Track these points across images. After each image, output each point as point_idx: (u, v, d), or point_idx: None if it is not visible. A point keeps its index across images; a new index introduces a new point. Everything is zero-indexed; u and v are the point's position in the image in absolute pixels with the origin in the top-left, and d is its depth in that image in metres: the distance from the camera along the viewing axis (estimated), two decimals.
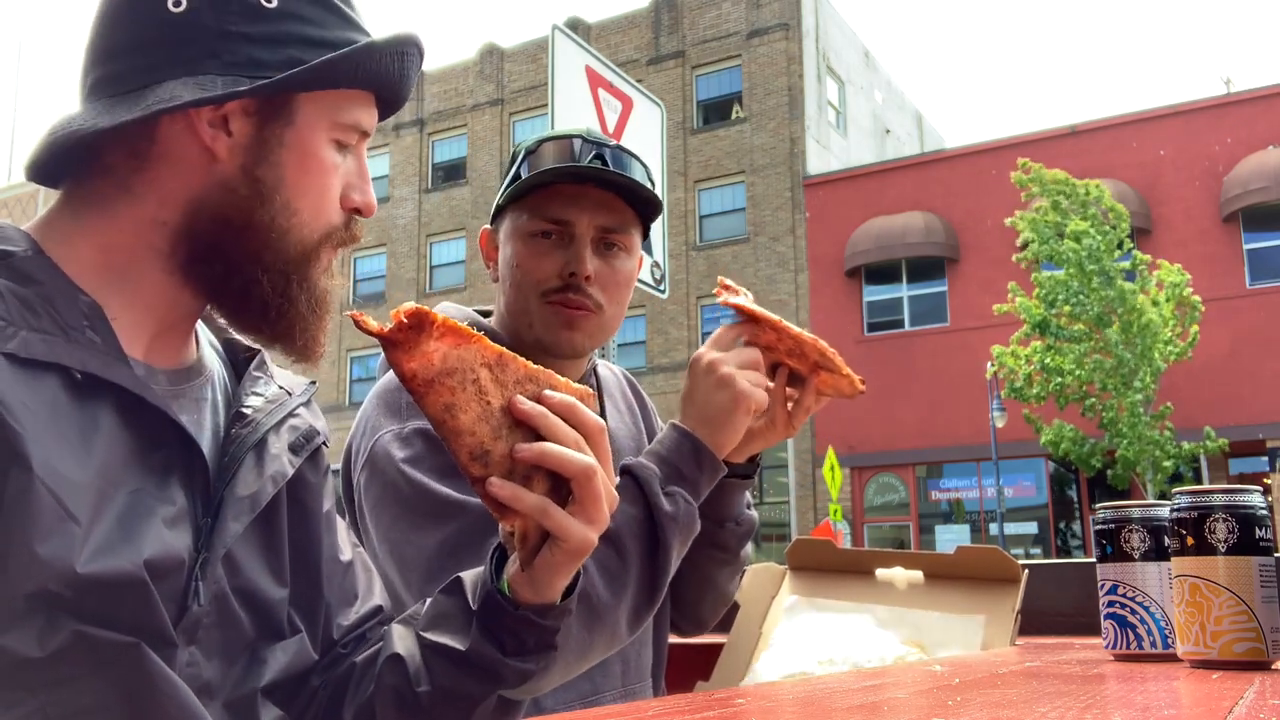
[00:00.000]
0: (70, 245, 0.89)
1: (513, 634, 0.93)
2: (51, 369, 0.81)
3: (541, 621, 0.93)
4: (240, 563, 0.92)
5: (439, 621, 0.98)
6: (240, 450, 0.94)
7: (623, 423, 1.59)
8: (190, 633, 0.86)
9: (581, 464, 0.88)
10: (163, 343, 0.94)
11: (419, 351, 0.83)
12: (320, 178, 0.95)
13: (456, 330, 0.84)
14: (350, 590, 1.07)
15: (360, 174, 0.99)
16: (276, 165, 0.93)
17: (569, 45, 5.11)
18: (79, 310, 0.85)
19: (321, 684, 1.02)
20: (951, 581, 1.81)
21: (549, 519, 0.88)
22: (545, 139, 1.44)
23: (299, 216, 0.94)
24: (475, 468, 0.86)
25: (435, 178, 28.10)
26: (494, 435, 0.86)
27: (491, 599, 0.94)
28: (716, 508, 1.50)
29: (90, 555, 0.77)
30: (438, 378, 0.83)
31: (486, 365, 0.86)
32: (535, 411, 0.88)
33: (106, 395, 0.84)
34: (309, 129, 0.94)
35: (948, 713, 0.70)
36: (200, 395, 0.96)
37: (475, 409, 0.85)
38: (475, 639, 0.94)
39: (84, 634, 0.77)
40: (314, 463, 1.04)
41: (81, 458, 0.80)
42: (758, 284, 23.28)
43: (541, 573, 0.91)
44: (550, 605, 0.94)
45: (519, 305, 1.40)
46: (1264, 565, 1.06)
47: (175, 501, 0.87)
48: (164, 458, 0.87)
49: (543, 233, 1.39)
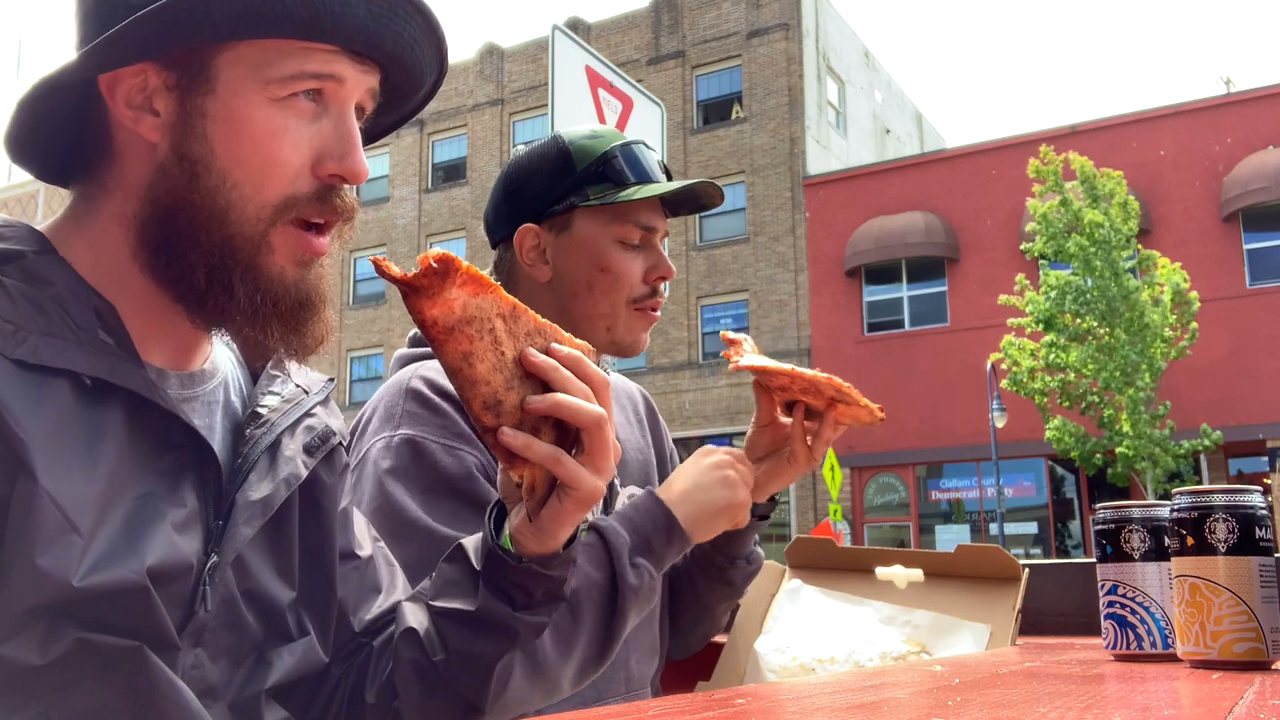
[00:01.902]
0: (75, 246, 0.88)
1: (520, 588, 0.93)
2: (61, 374, 0.80)
3: (546, 571, 0.93)
4: (250, 566, 0.91)
5: (446, 588, 0.98)
6: (254, 452, 0.93)
7: (631, 435, 1.59)
8: (197, 636, 0.85)
9: (593, 414, 0.88)
10: (173, 345, 0.92)
11: (441, 299, 0.83)
12: (259, 144, 0.86)
13: (477, 278, 0.85)
14: (372, 584, 1.06)
15: (339, 136, 0.90)
16: (204, 137, 0.85)
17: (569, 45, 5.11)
18: (91, 311, 0.84)
19: (343, 674, 1.01)
20: (952, 580, 1.81)
21: (561, 467, 0.88)
22: (632, 143, 1.46)
23: (239, 190, 0.86)
24: (487, 417, 0.87)
25: (435, 178, 28.09)
26: (506, 386, 0.87)
27: (494, 556, 0.94)
28: (729, 546, 1.53)
29: (90, 568, 0.76)
30: (458, 325, 0.84)
31: (501, 315, 0.87)
32: (547, 364, 0.88)
33: (116, 399, 0.83)
34: (233, 94, 0.86)
35: (948, 713, 0.70)
36: (213, 398, 0.95)
37: (491, 358, 0.86)
38: (483, 597, 0.94)
39: (86, 640, 0.77)
40: (329, 462, 1.02)
41: (88, 467, 0.79)
42: (758, 284, 23.28)
43: (549, 522, 0.91)
44: (553, 554, 0.94)
45: (603, 309, 1.43)
46: (1264, 565, 1.06)
47: (186, 504, 0.86)
48: (176, 460, 0.86)
49: (632, 239, 1.43)
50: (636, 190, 1.41)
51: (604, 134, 1.47)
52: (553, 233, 1.44)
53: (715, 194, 1.48)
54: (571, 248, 1.43)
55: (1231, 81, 23.22)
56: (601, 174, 1.42)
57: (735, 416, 22.83)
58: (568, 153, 1.44)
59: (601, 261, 1.42)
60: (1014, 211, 18.44)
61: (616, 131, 1.49)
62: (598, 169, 1.42)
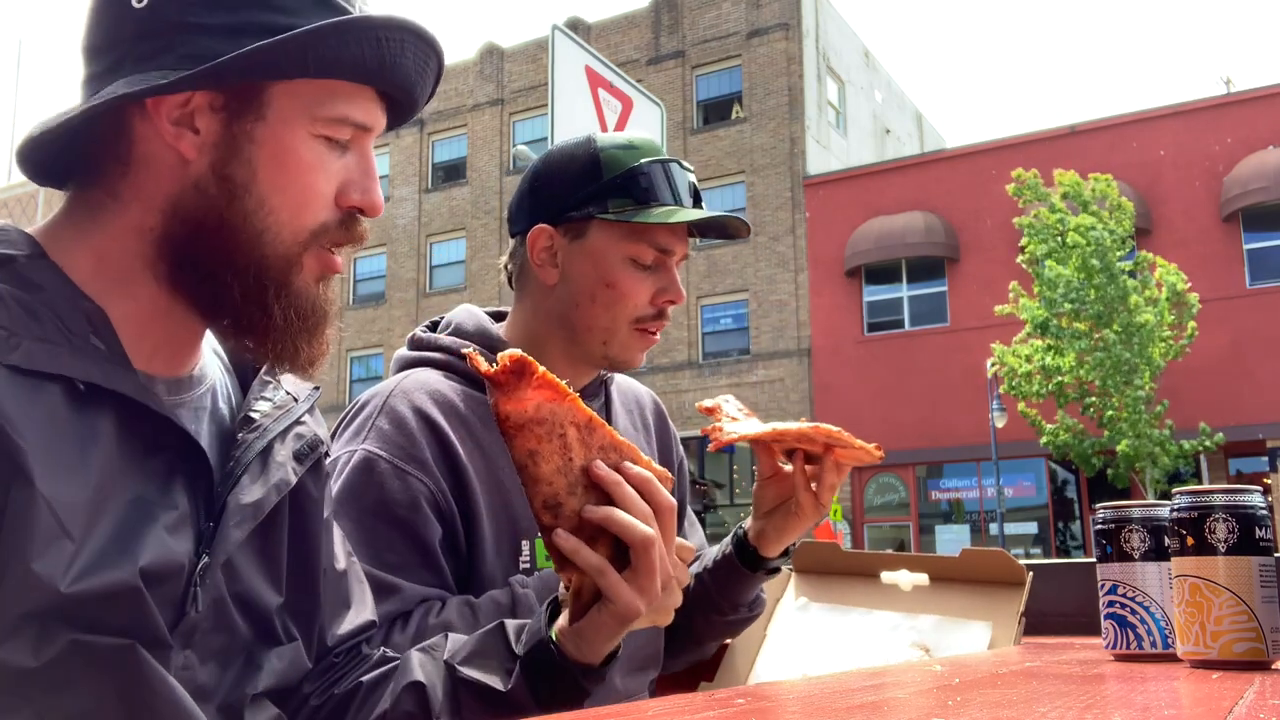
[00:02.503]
0: (73, 251, 0.88)
1: (551, 685, 0.96)
2: (54, 379, 0.80)
3: (581, 680, 0.96)
4: (239, 569, 0.92)
5: (478, 660, 1.00)
6: (246, 456, 0.93)
7: (637, 440, 1.58)
8: (187, 637, 0.86)
9: (643, 534, 0.92)
10: (166, 352, 0.93)
11: (517, 396, 0.88)
12: (300, 175, 0.89)
13: (555, 386, 0.90)
14: (344, 598, 1.07)
15: (363, 171, 0.94)
16: (248, 162, 0.88)
17: (569, 45, 5.11)
18: (83, 316, 0.84)
19: (313, 692, 1.01)
20: (956, 584, 1.80)
21: (604, 579, 0.92)
22: (666, 161, 1.42)
23: (275, 216, 0.89)
24: (546, 516, 0.91)
25: (435, 178, 28.09)
26: (569, 490, 0.92)
27: (542, 648, 0.97)
28: (734, 594, 1.52)
29: (83, 571, 0.77)
30: (529, 424, 0.89)
31: (575, 425, 0.92)
32: (611, 478, 0.93)
33: (108, 403, 0.83)
34: (283, 124, 0.88)
35: (948, 713, 0.70)
36: (200, 404, 0.96)
37: (557, 461, 0.91)
38: (517, 684, 0.96)
39: (79, 641, 0.77)
40: (315, 472, 1.03)
41: (80, 471, 0.79)
42: (758, 284, 23.28)
43: (588, 631, 0.95)
44: (591, 666, 0.97)
45: (602, 323, 1.40)
46: (1264, 565, 1.06)
47: (178, 506, 0.86)
48: (167, 462, 0.87)
49: (645, 259, 1.40)
50: (656, 213, 1.38)
51: (639, 145, 1.43)
52: (567, 238, 1.41)
53: (741, 227, 1.45)
54: (583, 257, 1.40)
55: (1231, 81, 23.22)
56: (626, 188, 1.38)
57: None
58: (597, 159, 1.40)
59: (609, 277, 1.39)
60: (1014, 211, 18.43)
61: (653, 144, 1.45)
62: (623, 182, 1.39)
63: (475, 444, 1.33)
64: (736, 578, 1.49)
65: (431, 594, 1.24)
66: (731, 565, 1.48)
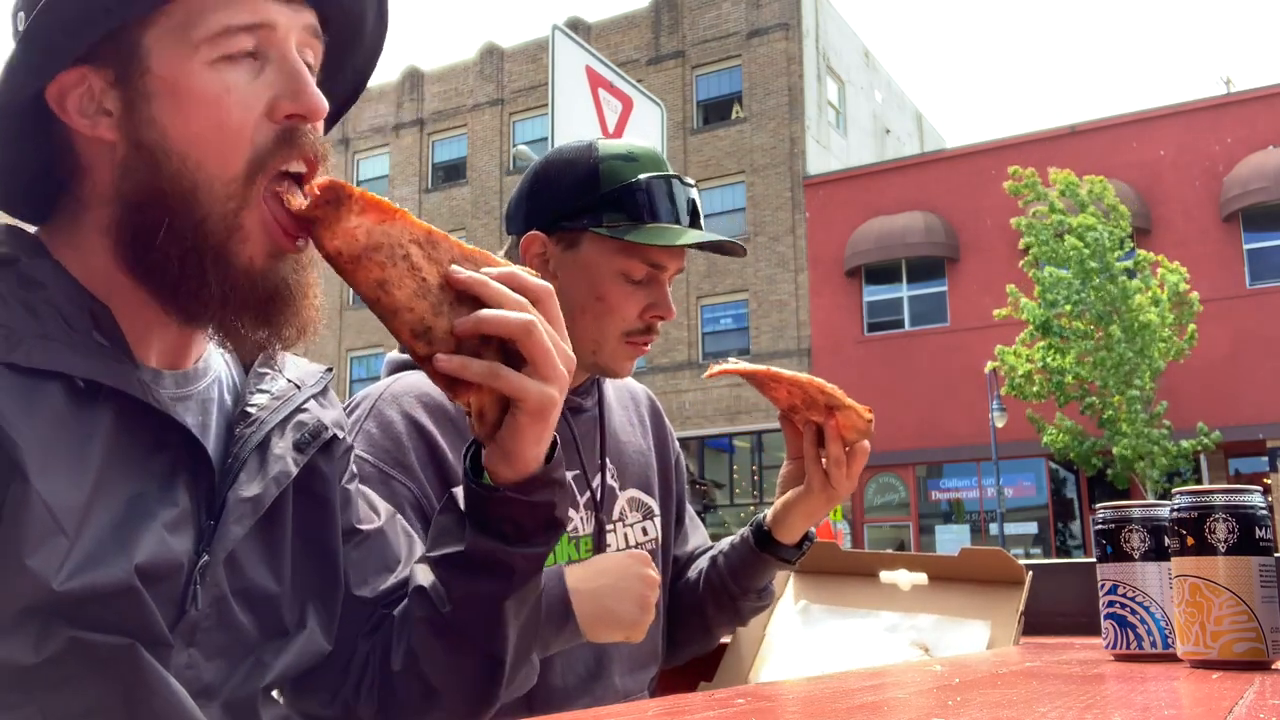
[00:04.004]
0: (72, 250, 0.88)
1: (507, 520, 0.90)
2: (54, 376, 0.80)
3: (527, 498, 0.89)
4: (242, 564, 0.91)
5: (440, 537, 0.96)
6: (244, 451, 0.92)
7: (633, 436, 1.59)
8: (188, 635, 0.85)
9: (519, 321, 0.84)
10: (170, 346, 0.92)
11: (340, 229, 0.81)
12: (206, 112, 0.82)
13: (380, 205, 0.82)
14: (384, 556, 1.04)
15: (288, 76, 0.85)
16: (151, 121, 0.82)
17: (569, 45, 5.11)
18: (86, 313, 0.84)
19: (372, 648, 1.00)
20: (956, 584, 1.81)
21: (502, 380, 0.84)
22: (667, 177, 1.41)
23: (202, 169, 0.83)
24: (419, 346, 0.83)
25: (435, 178, 28.09)
26: (434, 311, 0.83)
27: (471, 492, 0.91)
28: (745, 579, 1.55)
29: (76, 569, 0.76)
30: (364, 253, 0.81)
31: (416, 242, 0.83)
32: (473, 279, 0.84)
33: (108, 400, 0.82)
34: (165, 66, 0.82)
35: (948, 713, 0.70)
36: (207, 396, 0.95)
37: (410, 284, 0.82)
38: (471, 536, 0.91)
39: (79, 639, 0.77)
40: (326, 452, 1.00)
41: (78, 469, 0.79)
42: (758, 284, 23.27)
43: (510, 443, 0.87)
44: (529, 478, 0.89)
45: (591, 334, 1.40)
46: (1264, 565, 1.06)
47: (178, 504, 0.86)
48: (169, 460, 0.86)
49: (638, 276, 1.40)
50: (648, 231, 1.37)
51: (640, 158, 1.42)
52: (559, 246, 1.41)
53: (735, 249, 1.46)
54: (575, 267, 1.40)
55: (1231, 81, 23.23)
56: (621, 202, 1.37)
57: (735, 417, 22.83)
58: (596, 170, 1.40)
59: (599, 290, 1.39)
60: (1014, 211, 18.43)
61: (655, 155, 1.44)
62: (619, 196, 1.38)
63: (464, 445, 1.33)
64: (752, 560, 1.53)
65: None
66: (748, 548, 1.53)
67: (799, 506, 1.46)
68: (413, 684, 0.97)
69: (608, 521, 1.48)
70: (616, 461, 1.52)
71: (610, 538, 1.47)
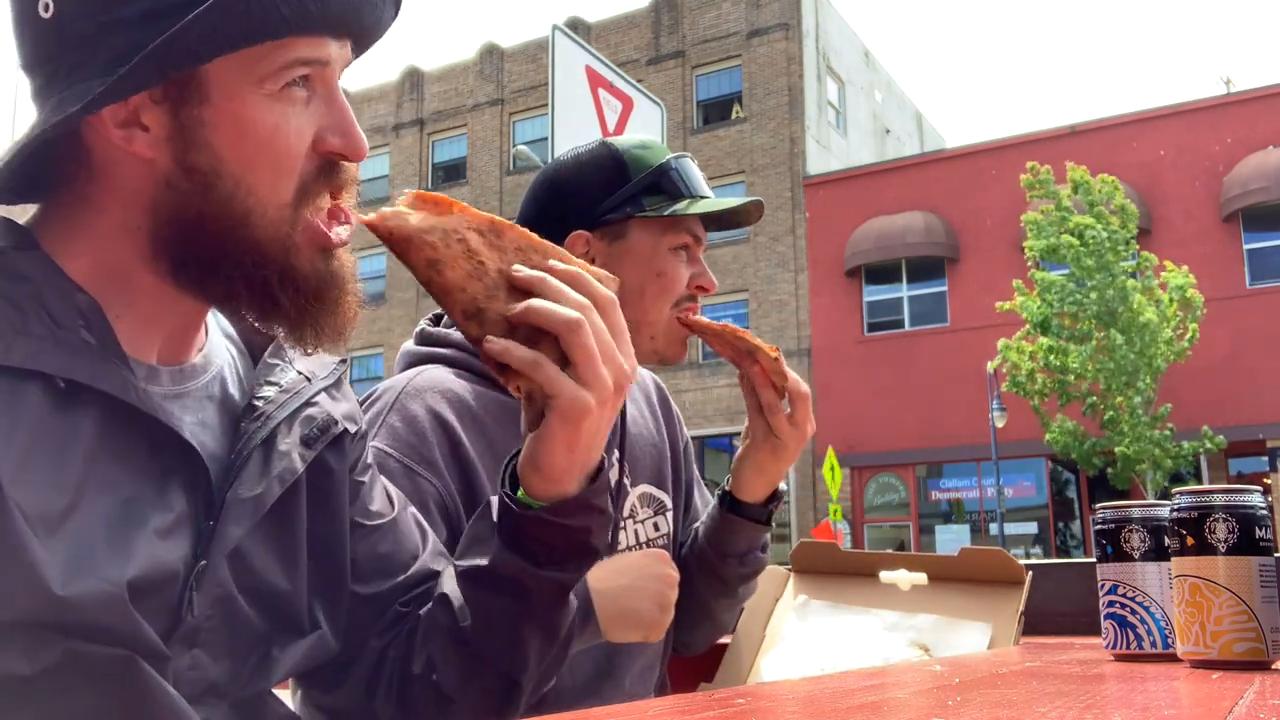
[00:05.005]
0: (67, 246, 0.85)
1: (538, 540, 0.87)
2: (34, 376, 0.77)
3: (561, 520, 0.87)
4: (250, 562, 0.88)
5: (469, 546, 0.93)
6: (247, 447, 0.89)
7: (645, 428, 1.58)
8: (190, 639, 0.83)
9: (564, 316, 0.82)
10: (169, 342, 0.90)
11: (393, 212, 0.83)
12: (266, 143, 0.84)
13: (437, 200, 0.83)
14: (395, 550, 1.02)
15: (333, 112, 0.87)
16: (207, 146, 0.83)
17: (569, 45, 5.11)
18: (74, 309, 0.81)
19: (388, 643, 0.98)
20: (955, 584, 1.80)
21: (539, 372, 0.83)
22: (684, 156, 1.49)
23: (255, 194, 0.84)
24: (471, 327, 0.84)
25: (435, 178, 28.07)
26: (488, 295, 0.84)
27: (503, 505, 0.88)
28: (721, 542, 1.54)
29: (66, 577, 0.74)
30: (414, 235, 0.82)
31: (477, 230, 0.84)
32: (534, 276, 0.84)
33: (92, 401, 0.79)
34: (229, 98, 0.83)
35: (948, 713, 0.70)
36: (208, 392, 0.92)
37: (464, 266, 0.83)
38: (497, 551, 0.89)
39: (74, 651, 0.75)
40: (336, 447, 0.98)
41: (57, 474, 0.76)
42: (758, 284, 23.28)
43: (538, 443, 0.86)
44: (565, 499, 0.87)
45: (650, 316, 1.44)
46: (1264, 565, 1.06)
47: (174, 508, 0.83)
48: (162, 462, 0.84)
49: (683, 246, 1.46)
50: (691, 204, 1.44)
51: (653, 145, 1.49)
52: (604, 241, 1.43)
53: (756, 211, 1.52)
54: (625, 256, 1.43)
55: (1231, 81, 23.24)
56: (658, 185, 1.44)
57: (735, 416, 22.82)
58: (622, 161, 1.44)
59: (659, 267, 1.44)
60: (1014, 211, 18.45)
61: (661, 143, 1.52)
62: (654, 180, 1.44)
63: (487, 444, 1.32)
64: (722, 524, 1.54)
65: None
66: (718, 512, 1.55)
67: (747, 460, 1.48)
68: (430, 691, 0.96)
69: (619, 519, 1.47)
70: (628, 456, 1.51)
71: (621, 535, 1.47)
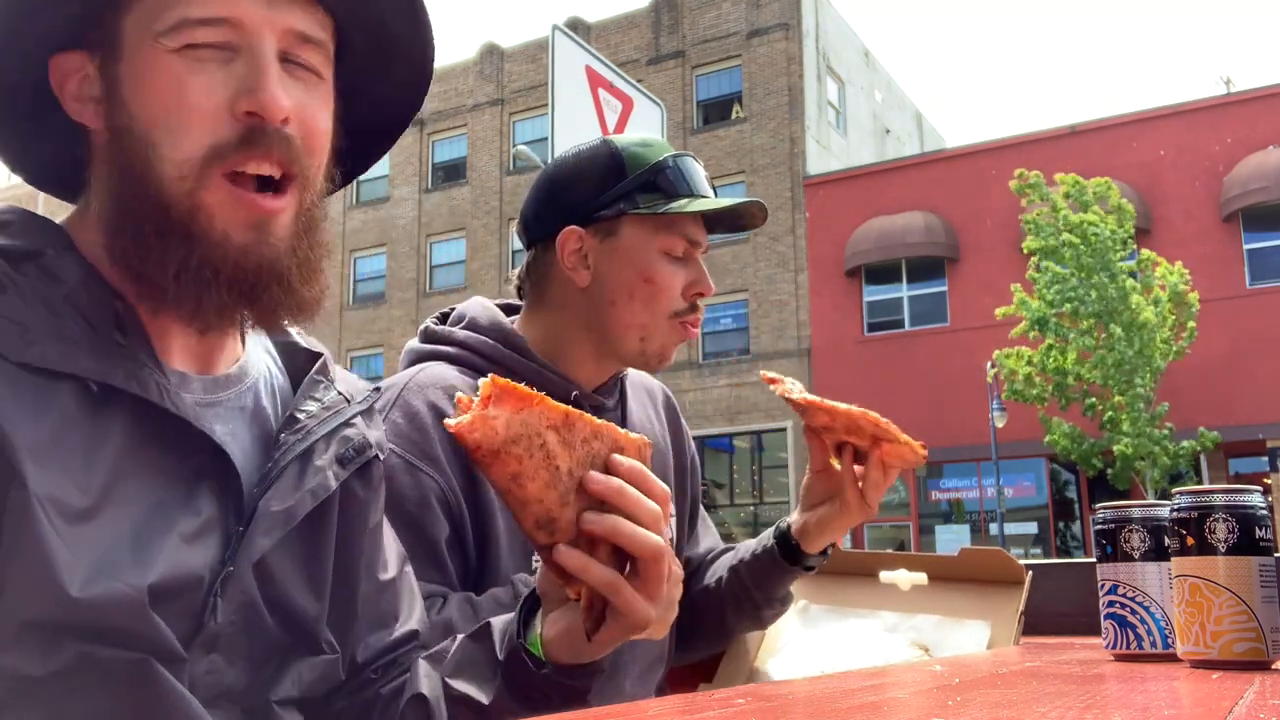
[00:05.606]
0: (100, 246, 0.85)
1: (542, 693, 0.90)
2: (66, 378, 0.77)
3: (571, 683, 0.90)
4: (275, 573, 0.88)
5: (464, 670, 0.94)
6: (285, 458, 0.89)
7: (652, 434, 1.58)
8: (209, 644, 0.83)
9: (654, 545, 0.84)
10: (198, 349, 0.90)
11: (479, 418, 0.78)
12: (164, 95, 0.82)
13: (514, 391, 0.79)
14: (388, 612, 1.02)
15: (250, 71, 0.83)
16: (122, 105, 0.83)
17: (569, 45, 5.11)
18: (110, 312, 0.82)
19: (345, 707, 0.98)
20: (955, 584, 1.80)
21: (618, 595, 0.84)
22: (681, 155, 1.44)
23: (156, 149, 0.82)
24: (541, 535, 0.82)
25: (435, 178, 28.09)
26: (561, 501, 0.82)
27: (517, 657, 0.90)
28: (772, 587, 1.54)
29: (86, 579, 0.74)
30: (503, 446, 0.79)
31: (553, 427, 0.81)
32: (612, 488, 0.83)
33: (123, 404, 0.80)
34: (134, 53, 0.83)
35: (948, 713, 0.70)
36: (240, 403, 0.92)
37: (543, 476, 0.81)
38: (499, 693, 0.91)
39: (89, 653, 0.75)
40: (364, 476, 0.98)
41: (85, 475, 0.76)
42: (758, 284, 23.27)
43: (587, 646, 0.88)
44: (582, 666, 0.90)
45: (640, 320, 1.41)
46: (1264, 565, 1.06)
47: (202, 512, 0.83)
48: (194, 467, 0.84)
49: (678, 250, 1.42)
50: (687, 203, 1.39)
51: (655, 143, 1.45)
52: (597, 238, 1.41)
53: (759, 214, 1.47)
54: (616, 254, 1.40)
55: (1231, 81, 23.22)
56: (653, 183, 1.40)
57: (735, 416, 22.83)
58: (620, 158, 1.41)
59: (646, 272, 1.40)
60: (1014, 211, 18.44)
61: (663, 142, 1.48)
62: (650, 178, 1.40)
63: None
64: (775, 571, 1.51)
65: (434, 591, 1.24)
66: (772, 558, 1.51)
67: (833, 523, 1.44)
68: None
69: None
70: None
71: None
